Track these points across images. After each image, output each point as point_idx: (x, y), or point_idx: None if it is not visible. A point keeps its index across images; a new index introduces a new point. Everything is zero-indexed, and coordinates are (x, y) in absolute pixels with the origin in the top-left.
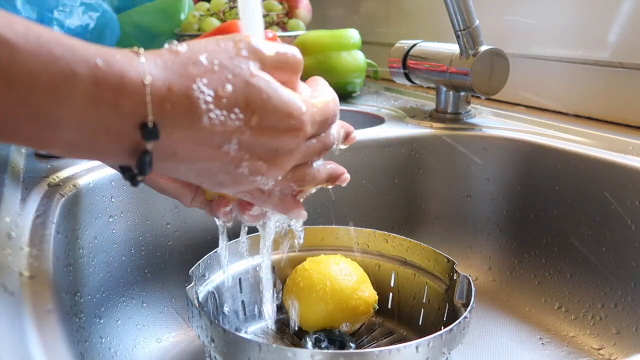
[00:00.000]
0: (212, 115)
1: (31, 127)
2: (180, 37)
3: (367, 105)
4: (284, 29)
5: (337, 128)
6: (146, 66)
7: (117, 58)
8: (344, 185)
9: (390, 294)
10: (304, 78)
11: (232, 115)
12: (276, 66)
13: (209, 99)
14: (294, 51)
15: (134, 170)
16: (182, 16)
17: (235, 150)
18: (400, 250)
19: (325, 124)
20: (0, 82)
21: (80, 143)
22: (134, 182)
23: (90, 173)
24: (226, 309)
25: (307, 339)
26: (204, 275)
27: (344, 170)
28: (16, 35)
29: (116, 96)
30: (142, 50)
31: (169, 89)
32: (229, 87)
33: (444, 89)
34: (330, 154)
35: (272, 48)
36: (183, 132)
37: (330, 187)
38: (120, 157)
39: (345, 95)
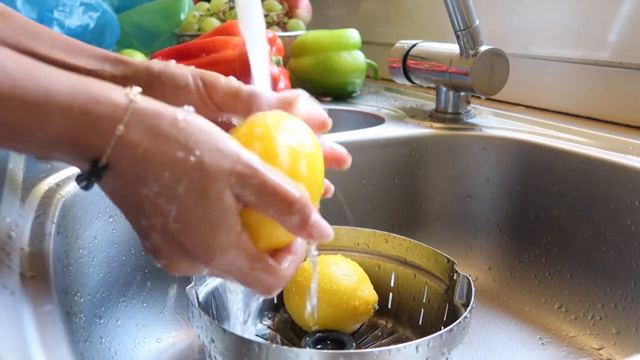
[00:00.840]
0: (152, 194)
1: (3, 140)
2: (180, 37)
3: (367, 105)
4: (284, 29)
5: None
6: (133, 112)
7: (91, 107)
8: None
9: (390, 294)
10: (304, 78)
11: (168, 208)
12: (257, 196)
13: (162, 182)
14: (290, 185)
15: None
16: (182, 16)
17: (152, 229)
18: (400, 250)
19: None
20: None
21: (46, 155)
22: (85, 187)
23: None
24: (226, 309)
25: (307, 339)
26: (204, 275)
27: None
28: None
29: (78, 145)
30: (138, 88)
31: (134, 148)
32: (182, 189)
33: (444, 89)
34: None
35: (261, 176)
36: (123, 188)
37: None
38: (76, 163)
39: (345, 95)
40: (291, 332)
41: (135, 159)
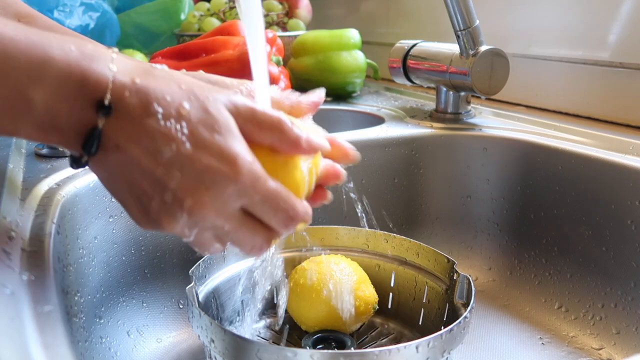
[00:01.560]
0: (160, 118)
1: (5, 109)
2: (181, 37)
3: (367, 105)
4: (284, 29)
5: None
6: (117, 59)
7: (89, 47)
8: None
9: (390, 294)
10: (304, 78)
11: (178, 128)
12: (250, 120)
13: (164, 104)
14: (277, 113)
15: (81, 152)
16: (182, 16)
17: (168, 163)
18: (400, 250)
19: (270, 209)
20: None
21: (44, 125)
22: (78, 164)
23: (91, 173)
24: (226, 309)
25: (307, 339)
26: (204, 276)
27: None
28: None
29: (83, 77)
30: (116, 49)
31: (132, 81)
32: (187, 105)
33: (444, 89)
34: None
35: (250, 102)
36: (130, 125)
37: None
38: (73, 137)
39: (345, 95)
40: (291, 332)
41: (134, 91)
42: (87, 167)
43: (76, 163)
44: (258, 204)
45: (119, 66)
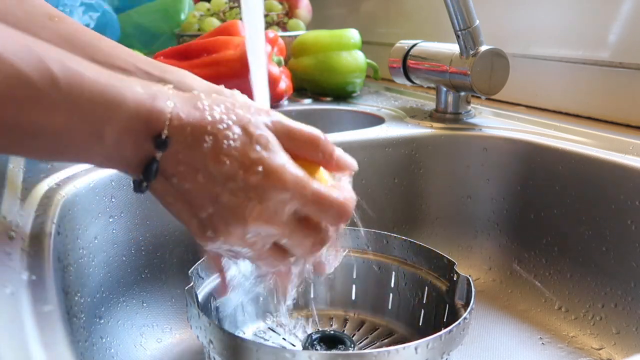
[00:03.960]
0: (211, 145)
1: (83, 143)
2: (181, 37)
3: (367, 105)
4: (284, 29)
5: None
6: (172, 94)
7: (152, 87)
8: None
9: (391, 294)
10: (304, 78)
11: (228, 152)
12: (288, 136)
13: (214, 132)
14: (311, 129)
15: (141, 178)
16: (182, 16)
17: (221, 183)
18: (400, 250)
19: (321, 208)
20: (69, 106)
21: (112, 155)
22: (140, 188)
23: (90, 173)
24: (226, 310)
25: (307, 339)
26: (203, 276)
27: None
28: (83, 67)
29: (148, 115)
30: (171, 85)
31: (186, 115)
32: (233, 129)
33: (444, 89)
34: None
35: (288, 121)
36: (185, 154)
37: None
38: (135, 166)
39: (345, 95)
40: (291, 333)
41: (186, 124)
42: (86, 167)
43: (139, 187)
44: (308, 206)
45: (174, 101)
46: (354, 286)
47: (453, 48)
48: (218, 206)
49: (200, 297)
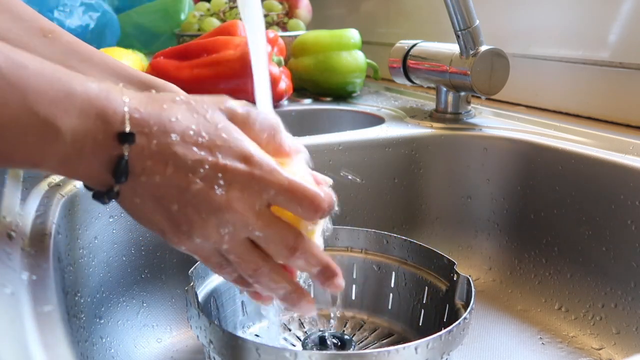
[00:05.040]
0: (177, 137)
1: (34, 139)
2: (181, 37)
3: (367, 105)
4: (284, 29)
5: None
6: (127, 92)
7: (104, 83)
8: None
9: (391, 294)
10: (304, 78)
11: (195, 142)
12: (245, 123)
13: (177, 124)
14: (267, 114)
15: (112, 182)
16: (182, 16)
17: (192, 172)
18: (400, 250)
19: (294, 198)
20: (16, 97)
21: (70, 156)
22: (109, 195)
23: None
24: (226, 310)
25: (307, 339)
26: (203, 276)
27: (337, 271)
28: (27, 60)
29: (103, 109)
30: (121, 84)
31: (145, 109)
32: (194, 120)
33: (444, 89)
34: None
35: (245, 108)
36: (152, 147)
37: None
38: (99, 169)
39: (345, 95)
40: (291, 333)
41: (149, 117)
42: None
43: (106, 195)
44: (282, 194)
45: (129, 97)
46: (354, 286)
47: (453, 48)
48: (190, 195)
49: (200, 297)
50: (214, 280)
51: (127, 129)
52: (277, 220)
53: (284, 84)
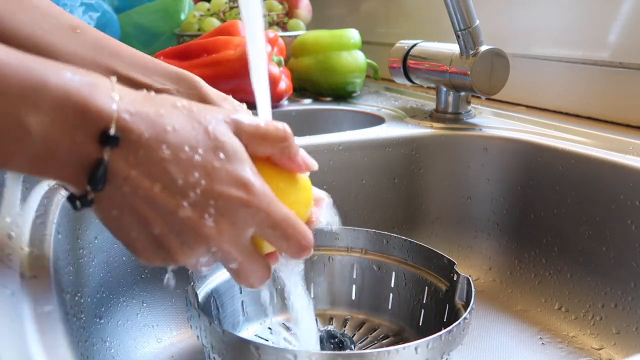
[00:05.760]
0: (169, 148)
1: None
2: (181, 37)
3: (367, 105)
4: (284, 29)
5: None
6: (117, 87)
7: (89, 75)
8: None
9: (391, 294)
10: (304, 78)
11: (189, 157)
12: (253, 137)
13: (171, 133)
14: (277, 125)
15: (86, 188)
16: (182, 16)
17: (181, 194)
18: (400, 250)
19: (284, 235)
20: None
21: (41, 157)
22: (82, 202)
23: None
24: (226, 310)
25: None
26: (203, 276)
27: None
28: None
29: (84, 105)
30: (114, 77)
31: (136, 110)
32: (193, 132)
33: (444, 89)
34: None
35: (253, 120)
36: (138, 156)
37: None
38: (74, 172)
39: (345, 95)
40: (291, 333)
41: (140, 121)
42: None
43: (80, 201)
44: (270, 230)
45: (121, 94)
46: (354, 286)
47: (453, 48)
48: (176, 221)
49: (200, 297)
50: (214, 280)
51: (112, 132)
52: (257, 257)
53: (284, 84)
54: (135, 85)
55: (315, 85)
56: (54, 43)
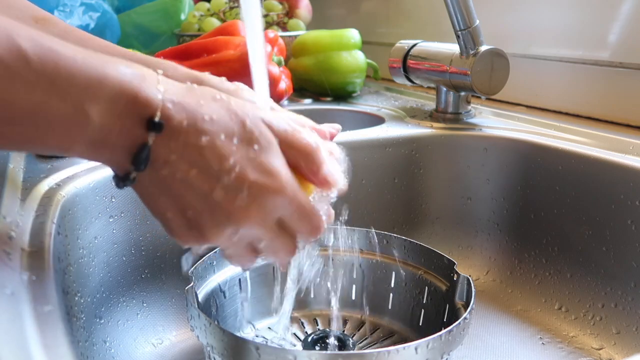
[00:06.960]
0: (207, 136)
1: (63, 125)
2: (181, 37)
3: (367, 105)
4: (284, 29)
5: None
6: (162, 80)
7: (139, 68)
8: None
9: (391, 294)
10: (304, 78)
11: (225, 145)
12: (283, 141)
13: (209, 122)
14: (306, 138)
15: (129, 168)
16: (182, 16)
17: (216, 178)
18: (400, 250)
19: (302, 220)
20: (44, 83)
21: (98, 141)
22: (125, 181)
23: (91, 173)
24: (226, 310)
25: (307, 339)
26: (204, 276)
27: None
28: (58, 45)
29: (135, 95)
30: (160, 70)
31: (179, 101)
32: (230, 123)
33: (444, 89)
34: None
35: (285, 124)
36: (179, 142)
37: None
38: (122, 154)
39: (345, 95)
40: (291, 333)
41: (181, 110)
42: (86, 167)
43: (123, 181)
44: (294, 215)
45: (165, 86)
46: (354, 286)
47: (453, 48)
48: (210, 202)
49: (200, 297)
50: (214, 280)
51: (157, 119)
52: (283, 233)
53: (284, 84)
54: None
55: (316, 85)
56: None
